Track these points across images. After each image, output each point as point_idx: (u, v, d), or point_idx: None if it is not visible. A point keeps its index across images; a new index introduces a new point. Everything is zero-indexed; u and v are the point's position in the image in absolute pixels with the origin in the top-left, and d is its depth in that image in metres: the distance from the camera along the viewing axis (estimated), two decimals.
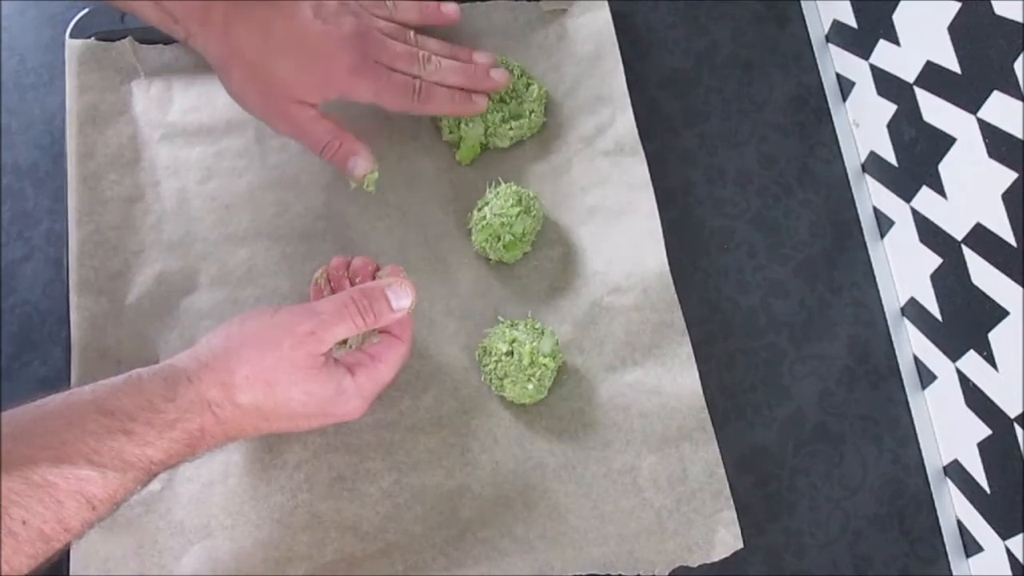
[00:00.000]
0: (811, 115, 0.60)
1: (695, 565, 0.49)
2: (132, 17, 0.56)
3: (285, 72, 0.49)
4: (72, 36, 0.57)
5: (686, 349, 0.52)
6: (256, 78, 0.49)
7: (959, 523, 0.52)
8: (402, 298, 0.46)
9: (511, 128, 0.55)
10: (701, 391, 0.51)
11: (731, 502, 0.50)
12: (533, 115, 0.56)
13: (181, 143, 0.57)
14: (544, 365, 0.49)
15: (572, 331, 0.53)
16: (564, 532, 0.49)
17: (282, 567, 0.48)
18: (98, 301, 0.53)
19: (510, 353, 0.49)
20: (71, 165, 0.55)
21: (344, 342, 0.48)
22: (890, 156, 0.55)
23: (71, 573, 0.48)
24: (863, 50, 0.56)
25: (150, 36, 0.57)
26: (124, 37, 0.58)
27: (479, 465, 0.50)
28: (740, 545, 0.49)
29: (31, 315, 0.55)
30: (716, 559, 0.49)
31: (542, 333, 0.50)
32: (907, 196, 0.53)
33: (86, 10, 0.58)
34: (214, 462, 0.50)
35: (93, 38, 0.57)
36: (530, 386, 0.49)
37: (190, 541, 0.49)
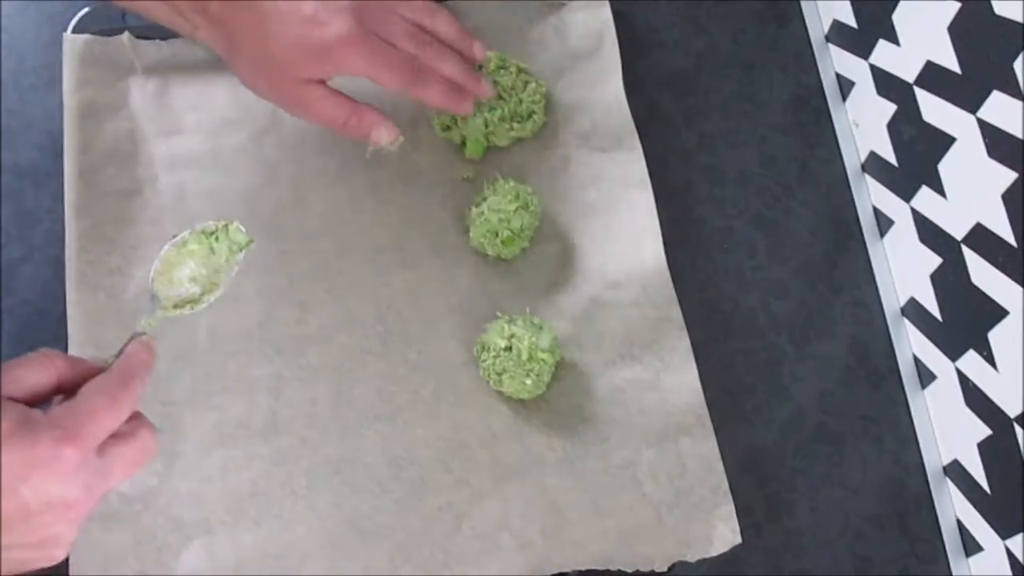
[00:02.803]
0: (811, 115, 0.60)
1: (694, 560, 0.48)
2: (133, 17, 0.56)
3: (281, 50, 0.47)
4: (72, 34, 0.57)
5: (684, 344, 0.52)
6: (259, 63, 0.48)
7: (959, 523, 0.52)
8: None
9: (511, 129, 0.55)
10: (700, 386, 0.51)
11: (729, 496, 0.49)
12: (534, 116, 0.56)
13: (179, 139, 0.56)
14: (542, 360, 0.49)
15: (570, 326, 0.53)
16: (563, 527, 0.49)
17: (281, 563, 0.48)
18: (96, 296, 0.52)
19: (508, 348, 0.49)
20: (68, 160, 0.54)
21: None
22: (890, 156, 0.55)
23: (71, 572, 0.48)
24: (863, 50, 0.56)
25: (148, 32, 0.57)
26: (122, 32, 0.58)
27: (477, 460, 0.50)
28: (738, 540, 0.49)
29: (31, 315, 0.54)
30: (715, 554, 0.48)
31: (540, 328, 0.50)
32: (907, 196, 0.53)
33: (86, 10, 0.58)
34: (212, 457, 0.50)
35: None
36: (528, 381, 0.49)
37: (189, 537, 0.49)
